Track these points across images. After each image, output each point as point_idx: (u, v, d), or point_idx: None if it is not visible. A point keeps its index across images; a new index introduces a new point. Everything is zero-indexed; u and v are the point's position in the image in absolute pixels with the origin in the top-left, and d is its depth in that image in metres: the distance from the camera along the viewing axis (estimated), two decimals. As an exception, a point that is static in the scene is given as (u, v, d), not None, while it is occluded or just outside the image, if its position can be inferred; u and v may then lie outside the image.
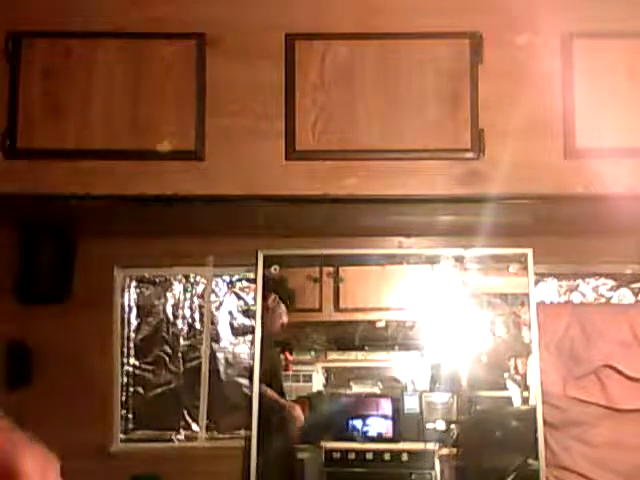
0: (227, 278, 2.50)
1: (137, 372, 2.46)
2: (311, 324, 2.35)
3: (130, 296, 2.49)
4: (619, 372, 2.22)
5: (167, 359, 2.46)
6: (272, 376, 2.31)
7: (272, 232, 2.32)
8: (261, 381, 2.27)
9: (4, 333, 2.29)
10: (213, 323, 2.48)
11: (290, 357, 2.33)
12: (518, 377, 2.26)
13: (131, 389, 2.46)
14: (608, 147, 1.85)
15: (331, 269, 2.34)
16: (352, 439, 2.25)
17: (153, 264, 2.46)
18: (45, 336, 2.28)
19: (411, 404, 2.26)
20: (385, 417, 2.26)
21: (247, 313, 2.47)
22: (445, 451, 2.22)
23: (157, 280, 2.50)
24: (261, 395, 2.25)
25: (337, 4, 1.91)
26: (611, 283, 2.46)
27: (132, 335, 2.48)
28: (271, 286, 2.33)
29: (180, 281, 2.50)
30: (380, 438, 2.25)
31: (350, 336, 2.33)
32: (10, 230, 2.27)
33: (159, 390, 2.46)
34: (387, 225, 2.30)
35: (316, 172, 1.87)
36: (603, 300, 2.45)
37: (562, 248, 2.34)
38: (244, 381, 2.43)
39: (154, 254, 2.40)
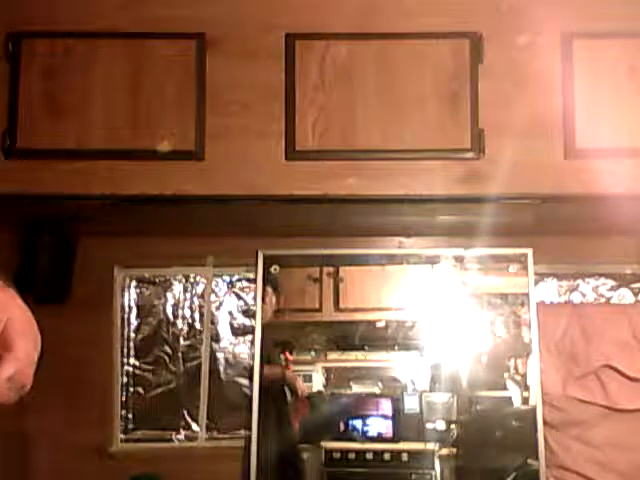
0: (227, 278, 2.50)
1: (137, 372, 2.46)
2: (311, 324, 2.35)
3: (130, 296, 2.49)
4: (619, 372, 2.22)
5: (167, 359, 2.46)
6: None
7: (272, 232, 2.32)
8: (261, 381, 2.26)
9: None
10: (213, 323, 2.48)
11: (290, 357, 2.33)
12: (518, 377, 2.26)
13: (131, 389, 2.46)
14: (608, 147, 1.85)
15: (331, 269, 2.34)
16: (352, 439, 2.25)
17: (153, 264, 2.46)
18: (45, 336, 2.28)
19: (411, 404, 2.26)
20: (385, 417, 2.26)
21: (247, 313, 2.47)
22: (445, 451, 2.22)
23: (157, 280, 2.50)
24: (261, 390, 2.25)
25: (337, 4, 1.91)
26: (611, 283, 2.46)
27: (132, 335, 2.48)
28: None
29: (180, 281, 2.50)
30: (380, 438, 2.25)
31: (350, 336, 2.33)
32: (10, 230, 2.27)
33: (159, 390, 2.46)
34: (387, 225, 2.30)
35: (316, 172, 1.87)
36: (603, 300, 2.45)
37: (562, 248, 2.34)
38: (244, 381, 2.43)
39: (154, 254, 2.40)
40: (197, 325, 2.48)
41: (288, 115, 1.86)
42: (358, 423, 2.26)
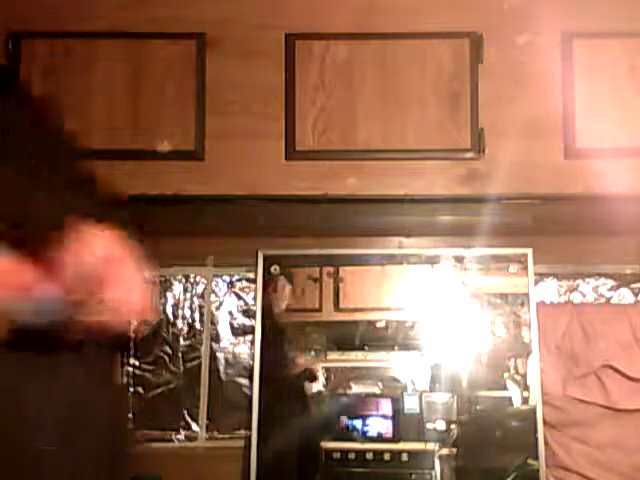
0: (227, 278, 2.50)
1: (137, 372, 2.46)
2: (311, 324, 2.35)
3: (130, 296, 2.48)
4: (619, 372, 2.22)
5: (167, 359, 2.46)
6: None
7: (272, 232, 2.32)
8: (261, 381, 2.26)
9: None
10: (213, 323, 2.47)
11: (290, 357, 2.33)
12: (518, 377, 2.26)
13: (131, 389, 2.46)
14: (608, 147, 1.85)
15: (331, 269, 2.34)
16: (352, 439, 2.25)
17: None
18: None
19: (411, 404, 2.25)
20: (385, 417, 2.26)
21: (247, 313, 2.47)
22: (445, 451, 2.22)
23: (157, 280, 2.50)
24: (261, 392, 2.25)
25: (337, 4, 1.91)
26: (611, 283, 2.46)
27: (132, 335, 2.47)
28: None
29: (180, 281, 2.50)
30: (380, 438, 2.24)
31: (350, 336, 2.33)
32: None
33: (159, 390, 2.46)
34: (387, 225, 2.30)
35: (316, 172, 1.87)
36: (603, 300, 2.45)
37: (562, 248, 2.34)
38: (244, 381, 2.43)
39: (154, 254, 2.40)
40: (197, 325, 2.48)
41: (288, 115, 1.86)
42: (358, 423, 2.26)
